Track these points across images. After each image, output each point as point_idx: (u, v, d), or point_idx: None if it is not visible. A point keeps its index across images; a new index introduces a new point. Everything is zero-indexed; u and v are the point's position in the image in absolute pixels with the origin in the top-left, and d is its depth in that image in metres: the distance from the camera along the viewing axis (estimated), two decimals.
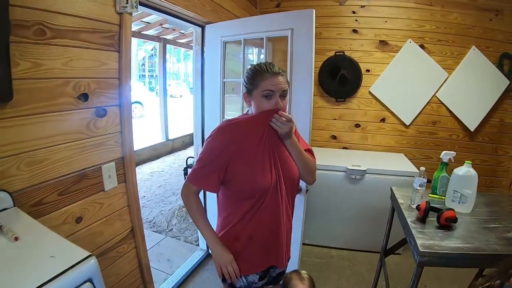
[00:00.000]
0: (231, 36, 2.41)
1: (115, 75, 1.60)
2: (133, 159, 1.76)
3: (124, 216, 1.79)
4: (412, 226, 1.68)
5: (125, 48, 1.60)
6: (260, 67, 1.31)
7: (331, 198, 3.09)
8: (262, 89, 1.29)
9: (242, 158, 1.30)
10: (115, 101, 1.61)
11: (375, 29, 3.42)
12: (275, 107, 1.29)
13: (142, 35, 6.49)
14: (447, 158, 2.11)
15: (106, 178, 1.60)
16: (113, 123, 1.62)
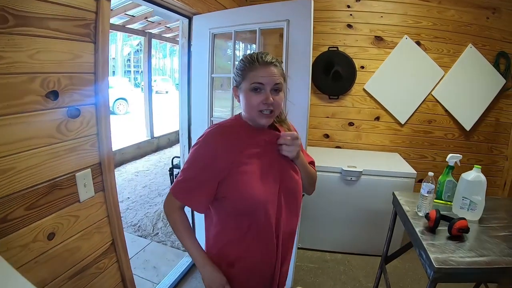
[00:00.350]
0: (221, 28, 2.22)
1: (91, 69, 1.39)
2: (112, 164, 1.56)
3: (103, 229, 1.59)
4: (422, 237, 1.54)
5: (102, 38, 1.39)
6: (251, 57, 1.13)
7: (325, 200, 2.94)
8: (251, 81, 1.10)
9: (238, 171, 1.11)
10: (90, 99, 1.40)
11: (370, 24, 3.27)
12: (264, 102, 1.09)
13: (127, 29, 6.21)
14: (453, 162, 1.98)
15: (81, 188, 1.40)
16: (89, 124, 1.41)
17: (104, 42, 1.40)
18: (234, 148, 1.13)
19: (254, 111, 1.12)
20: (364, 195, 2.88)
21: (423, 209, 1.78)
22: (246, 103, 1.13)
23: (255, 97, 1.10)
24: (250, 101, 1.11)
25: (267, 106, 1.10)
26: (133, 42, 23.96)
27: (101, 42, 1.39)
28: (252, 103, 1.11)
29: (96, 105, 1.43)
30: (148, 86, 6.99)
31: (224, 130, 1.17)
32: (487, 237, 1.57)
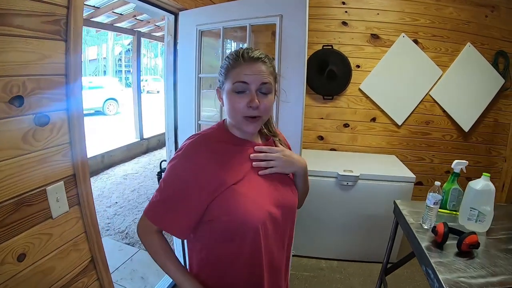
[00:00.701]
0: (209, 24, 2.07)
1: (61, 71, 1.23)
2: (88, 175, 1.41)
3: (80, 245, 1.43)
4: (429, 254, 1.42)
5: (75, 36, 1.24)
6: (236, 52, 0.97)
7: (320, 206, 2.81)
8: (233, 80, 0.95)
9: (228, 190, 0.94)
10: (61, 104, 1.24)
11: (366, 22, 3.15)
12: (249, 105, 0.94)
13: (115, 27, 6.03)
14: (459, 168, 1.85)
15: (54, 203, 1.25)
16: (60, 132, 1.25)
17: (77, 40, 1.25)
18: (222, 163, 0.97)
19: (239, 117, 0.97)
20: (361, 201, 2.76)
21: (428, 221, 1.66)
22: (229, 107, 0.97)
23: (238, 99, 0.95)
24: (233, 104, 0.96)
25: (252, 110, 0.95)
26: (124, 41, 23.68)
27: (73, 40, 1.23)
28: (235, 107, 0.95)
29: (68, 110, 1.27)
30: (137, 86, 6.82)
31: (207, 141, 1.00)
32: (497, 251, 1.46)
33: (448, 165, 3.37)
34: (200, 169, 0.94)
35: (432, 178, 3.41)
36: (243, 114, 0.96)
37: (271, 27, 3.13)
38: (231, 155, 1.00)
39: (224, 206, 0.93)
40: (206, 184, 0.93)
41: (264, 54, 0.99)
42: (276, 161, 1.05)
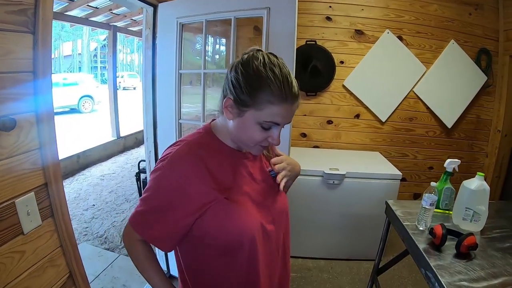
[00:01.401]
0: (190, 16, 1.95)
1: (29, 67, 1.09)
2: (61, 183, 1.27)
3: (57, 261, 1.30)
4: (428, 257, 1.37)
5: (44, 28, 1.10)
6: (278, 80, 0.81)
7: (306, 205, 2.75)
8: (266, 117, 0.82)
9: (218, 202, 0.87)
10: (28, 105, 1.11)
11: (351, 17, 3.10)
12: (270, 141, 0.87)
13: (90, 22, 5.74)
14: (451, 168, 1.81)
15: (24, 217, 1.11)
16: (28, 137, 1.11)
17: (46, 32, 1.12)
18: (211, 173, 0.88)
19: (251, 143, 0.89)
20: (347, 199, 2.71)
21: (423, 223, 1.62)
22: (245, 134, 0.87)
23: (261, 133, 0.86)
24: (252, 135, 0.86)
25: (268, 143, 0.89)
26: (100, 36, 23.05)
27: (41, 33, 1.10)
28: (254, 138, 0.86)
29: (37, 112, 1.13)
30: (113, 83, 6.56)
31: (194, 150, 0.90)
32: (493, 250, 1.44)
33: (431, 161, 3.41)
34: (187, 182, 0.85)
35: (416, 174, 3.42)
36: (258, 144, 0.89)
37: (254, 21, 3.05)
38: (220, 165, 0.92)
39: (216, 220, 0.86)
40: (194, 197, 0.85)
41: (298, 85, 0.86)
42: (287, 171, 1.01)
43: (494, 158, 3.31)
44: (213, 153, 0.91)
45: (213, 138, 0.95)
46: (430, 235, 1.48)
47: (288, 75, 0.83)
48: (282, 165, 1.00)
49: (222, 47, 3.24)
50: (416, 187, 3.46)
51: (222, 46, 3.25)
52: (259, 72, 0.81)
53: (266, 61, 0.83)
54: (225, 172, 0.91)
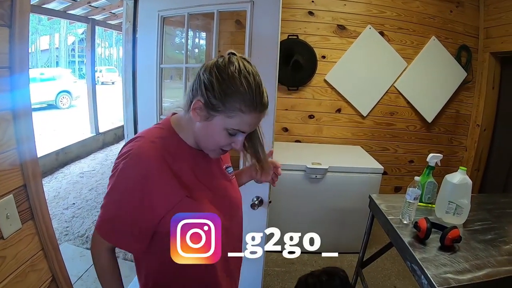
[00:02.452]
0: (172, 10, 1.89)
1: (4, 62, 1.02)
2: (40, 183, 1.22)
3: (39, 265, 1.24)
4: (414, 250, 1.40)
5: (21, 20, 1.04)
6: (251, 90, 0.81)
7: (288, 200, 2.74)
8: (235, 124, 0.84)
9: (181, 201, 0.86)
10: (4, 102, 1.06)
11: (333, 12, 3.10)
12: (233, 147, 0.90)
13: (68, 15, 5.54)
14: (434, 162, 1.85)
15: (4, 220, 1.05)
16: (5, 136, 1.04)
17: (23, 25, 1.06)
18: (173, 171, 0.86)
19: (214, 147, 0.90)
20: (329, 193, 2.72)
21: (407, 216, 1.64)
22: (211, 138, 0.88)
23: (226, 139, 0.87)
24: (217, 140, 0.87)
25: (231, 148, 0.92)
26: (77, 30, 22.47)
27: (18, 26, 1.04)
28: (219, 143, 0.88)
29: (14, 109, 1.09)
30: (91, 77, 6.38)
31: (156, 146, 0.86)
32: (476, 242, 1.48)
33: (412, 155, 3.47)
34: (150, 180, 0.82)
35: (397, 168, 3.47)
36: (221, 148, 0.90)
37: (236, 14, 3.02)
38: (181, 163, 0.90)
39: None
40: (158, 197, 0.84)
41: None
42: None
43: (473, 152, 3.39)
44: (174, 151, 0.89)
45: (174, 135, 0.93)
46: (415, 228, 1.50)
47: (260, 85, 0.84)
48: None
49: (202, 40, 3.20)
50: (397, 181, 3.51)
51: (201, 40, 3.21)
52: (234, 79, 0.81)
53: (241, 68, 0.82)
54: (186, 170, 0.90)
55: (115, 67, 23.96)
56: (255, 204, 1.80)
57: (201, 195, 0.91)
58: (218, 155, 0.94)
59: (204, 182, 0.94)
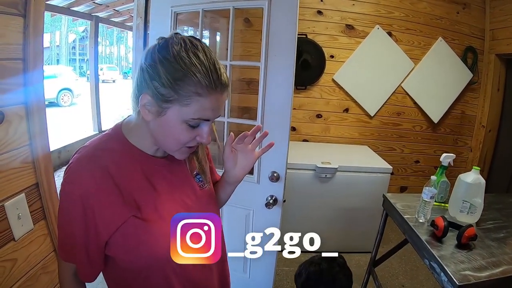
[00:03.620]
0: (186, 5, 1.83)
1: (18, 54, 0.96)
2: (53, 181, 1.15)
3: (51, 267, 1.18)
4: (432, 248, 1.40)
5: (36, 9, 0.98)
6: (205, 67, 0.68)
7: (298, 198, 2.69)
8: (194, 113, 0.69)
9: (126, 222, 0.72)
10: (18, 96, 0.98)
11: (342, 12, 3.05)
12: (199, 141, 0.75)
13: (72, 11, 5.46)
14: (447, 162, 1.84)
15: (15, 221, 0.99)
16: (17, 132, 0.98)
17: (38, 15, 0.99)
18: (118, 185, 0.73)
19: (176, 146, 0.75)
20: (339, 192, 2.68)
21: (423, 215, 1.63)
22: (169, 136, 0.73)
23: (188, 133, 0.72)
24: (178, 136, 0.72)
25: (197, 143, 0.76)
26: (78, 28, 22.27)
27: (33, 16, 0.97)
28: (180, 139, 0.73)
29: (27, 104, 1.01)
30: (94, 75, 6.31)
31: (97, 156, 0.74)
32: (490, 241, 1.49)
33: (418, 155, 3.42)
34: (90, 199, 0.70)
35: (403, 168, 3.43)
36: (185, 145, 0.75)
37: (244, 12, 2.95)
38: (130, 176, 0.76)
39: (124, 243, 0.74)
40: (100, 219, 0.71)
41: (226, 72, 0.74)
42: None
43: (478, 152, 3.37)
44: (122, 160, 0.75)
45: (123, 142, 0.78)
46: (432, 227, 1.50)
47: (216, 61, 0.70)
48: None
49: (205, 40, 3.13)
50: (403, 181, 3.47)
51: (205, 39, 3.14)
52: (181, 59, 0.66)
53: (188, 45, 0.68)
54: (135, 183, 0.76)
55: (116, 65, 23.78)
56: (269, 203, 1.76)
57: (155, 213, 0.76)
58: (185, 154, 0.78)
59: (162, 195, 0.79)
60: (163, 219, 0.76)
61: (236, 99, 2.98)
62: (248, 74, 2.96)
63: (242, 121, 1.95)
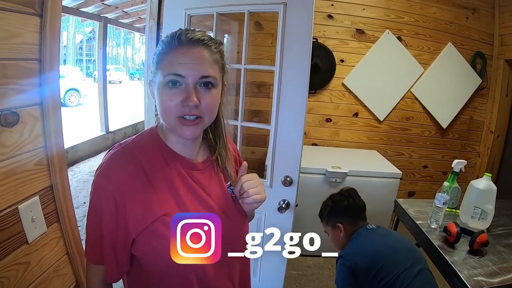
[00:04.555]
0: (200, 8, 1.79)
1: (34, 54, 0.92)
2: (67, 184, 1.11)
3: (63, 270, 1.13)
4: (446, 254, 1.42)
5: (53, 9, 0.94)
6: (171, 34, 0.72)
7: (307, 203, 2.63)
8: (165, 70, 0.70)
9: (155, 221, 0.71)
10: (33, 97, 0.94)
11: (352, 16, 3.01)
12: (184, 103, 0.69)
13: (81, 12, 5.42)
14: (458, 168, 1.82)
15: (29, 224, 0.95)
16: (32, 133, 0.94)
17: (55, 15, 0.95)
18: (150, 183, 0.72)
19: (172, 118, 0.71)
20: None
21: (434, 221, 1.64)
22: (161, 106, 0.72)
23: (171, 96, 0.69)
24: (164, 103, 0.71)
25: (189, 109, 0.70)
26: (86, 29, 22.34)
27: (50, 15, 0.93)
28: (167, 106, 0.70)
29: (42, 105, 0.96)
30: (102, 75, 6.26)
31: (131, 154, 0.74)
32: (501, 247, 1.51)
33: (426, 160, 3.37)
34: (121, 192, 0.69)
35: (411, 173, 3.36)
36: (177, 114, 0.70)
37: (255, 15, 2.91)
38: (162, 173, 0.75)
39: (151, 242, 0.71)
40: (130, 213, 0.70)
41: (208, 36, 0.73)
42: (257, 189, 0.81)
43: (486, 158, 3.31)
44: (155, 159, 0.75)
45: (157, 142, 0.78)
46: (445, 232, 1.51)
47: (188, 29, 0.74)
48: (251, 183, 0.80)
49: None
50: (411, 185, 3.40)
51: None
52: (160, 41, 0.75)
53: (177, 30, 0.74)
54: (168, 182, 0.75)
55: (123, 66, 23.82)
56: (282, 207, 1.72)
57: (190, 210, 0.75)
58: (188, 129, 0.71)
59: (191, 201, 0.76)
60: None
61: (246, 102, 2.93)
62: (258, 77, 2.92)
63: (255, 125, 1.90)
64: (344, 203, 1.65)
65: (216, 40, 0.75)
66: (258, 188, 0.81)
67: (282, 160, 1.74)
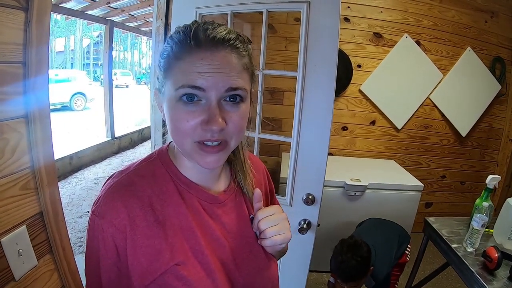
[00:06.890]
0: (213, 7, 1.59)
1: (17, 56, 0.73)
2: (60, 208, 0.91)
3: None
4: (486, 282, 1.26)
5: (41, 2, 0.74)
6: (184, 29, 0.52)
7: (324, 217, 2.43)
8: (178, 80, 0.51)
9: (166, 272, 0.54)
10: (16, 108, 0.74)
11: (369, 19, 2.81)
12: (205, 127, 0.51)
13: (86, 15, 5.26)
14: (492, 184, 1.64)
15: (14, 258, 0.75)
16: (16, 152, 0.75)
17: (44, 8, 0.76)
18: (159, 224, 0.55)
19: (188, 142, 0.53)
20: (368, 211, 2.40)
21: (470, 244, 1.47)
22: (172, 125, 0.54)
23: (186, 115, 0.51)
24: (177, 122, 0.52)
25: (212, 134, 0.52)
26: (93, 33, 22.33)
27: (37, 8, 0.74)
28: (181, 127, 0.52)
29: (28, 117, 0.77)
30: (109, 80, 6.07)
31: (135, 186, 0.56)
32: None
33: (444, 170, 3.15)
34: (122, 235, 0.53)
35: (429, 183, 3.15)
36: (196, 139, 0.53)
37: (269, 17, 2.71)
38: (175, 210, 0.57)
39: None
40: (133, 263, 0.53)
41: (235, 33, 0.54)
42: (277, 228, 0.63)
43: (505, 167, 3.11)
44: (166, 192, 0.58)
45: (168, 168, 0.60)
46: (484, 258, 1.35)
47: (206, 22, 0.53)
48: (270, 221, 0.62)
49: None
50: (428, 196, 3.19)
51: None
52: (168, 37, 0.55)
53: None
54: (181, 223, 0.57)
55: (130, 70, 23.78)
56: (303, 228, 1.51)
57: (200, 266, 0.56)
58: (210, 157, 0.54)
59: (211, 242, 0.59)
60: (210, 277, 0.56)
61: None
62: (271, 83, 2.72)
63: (274, 137, 1.70)
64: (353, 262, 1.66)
65: (244, 39, 0.55)
66: (279, 227, 0.62)
67: (304, 176, 1.54)
